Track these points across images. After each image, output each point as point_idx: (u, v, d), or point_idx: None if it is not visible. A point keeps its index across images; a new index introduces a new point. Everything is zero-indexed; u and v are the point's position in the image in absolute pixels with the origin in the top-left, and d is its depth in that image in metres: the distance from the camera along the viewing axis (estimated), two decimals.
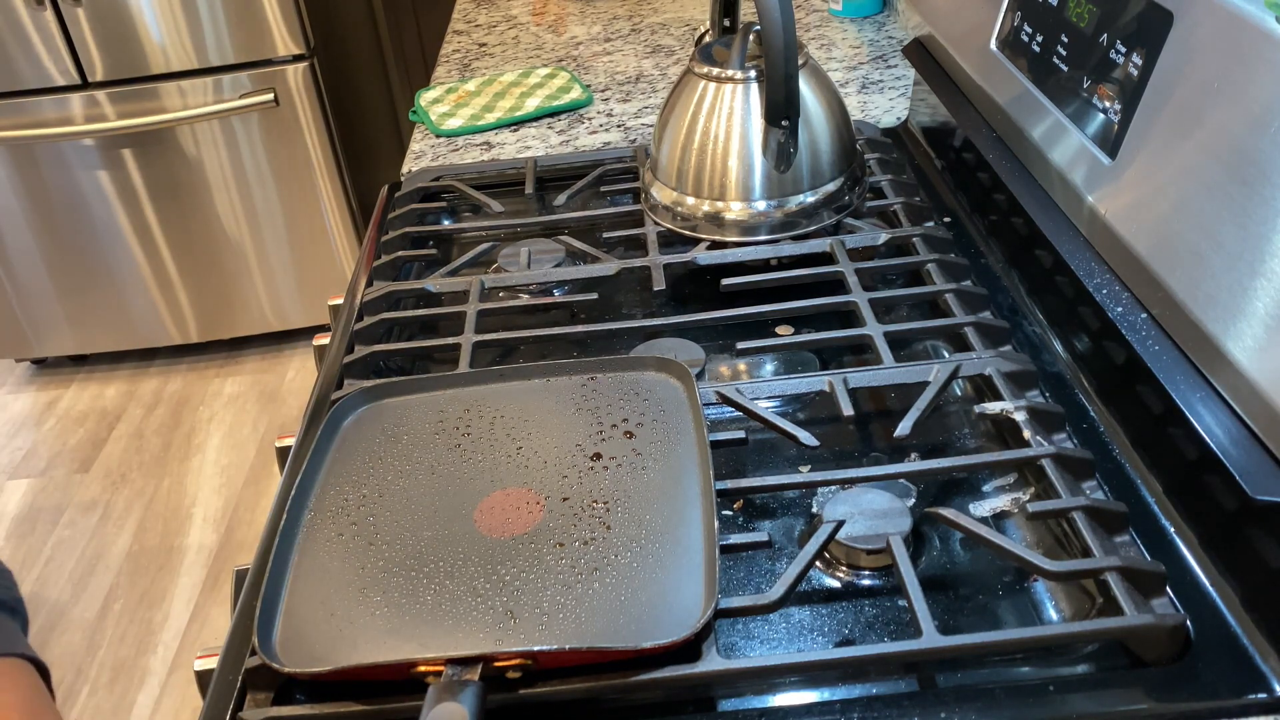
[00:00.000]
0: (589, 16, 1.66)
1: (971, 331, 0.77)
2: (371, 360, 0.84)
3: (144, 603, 1.99)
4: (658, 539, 0.62)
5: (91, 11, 2.10)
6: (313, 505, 0.67)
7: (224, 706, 0.59)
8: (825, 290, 0.85)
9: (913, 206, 0.95)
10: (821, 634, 0.60)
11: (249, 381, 2.57)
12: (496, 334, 0.84)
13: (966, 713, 0.54)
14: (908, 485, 0.68)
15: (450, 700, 0.51)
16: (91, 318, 2.51)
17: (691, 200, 0.90)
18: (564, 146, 1.23)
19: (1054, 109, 0.78)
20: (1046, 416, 0.69)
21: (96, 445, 2.41)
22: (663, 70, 1.42)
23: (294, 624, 0.59)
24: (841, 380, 0.73)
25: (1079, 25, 0.76)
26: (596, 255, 0.94)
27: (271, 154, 2.31)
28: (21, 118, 2.20)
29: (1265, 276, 0.54)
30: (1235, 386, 0.57)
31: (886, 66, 1.35)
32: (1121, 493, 0.65)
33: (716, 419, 0.77)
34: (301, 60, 2.22)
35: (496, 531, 0.64)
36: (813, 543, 0.60)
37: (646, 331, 0.85)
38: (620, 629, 0.57)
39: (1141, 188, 0.66)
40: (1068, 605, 0.61)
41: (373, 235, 1.06)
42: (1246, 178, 0.56)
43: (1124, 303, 0.67)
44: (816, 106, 0.88)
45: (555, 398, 0.74)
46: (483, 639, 0.57)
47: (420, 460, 0.70)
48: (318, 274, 2.49)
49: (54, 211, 2.34)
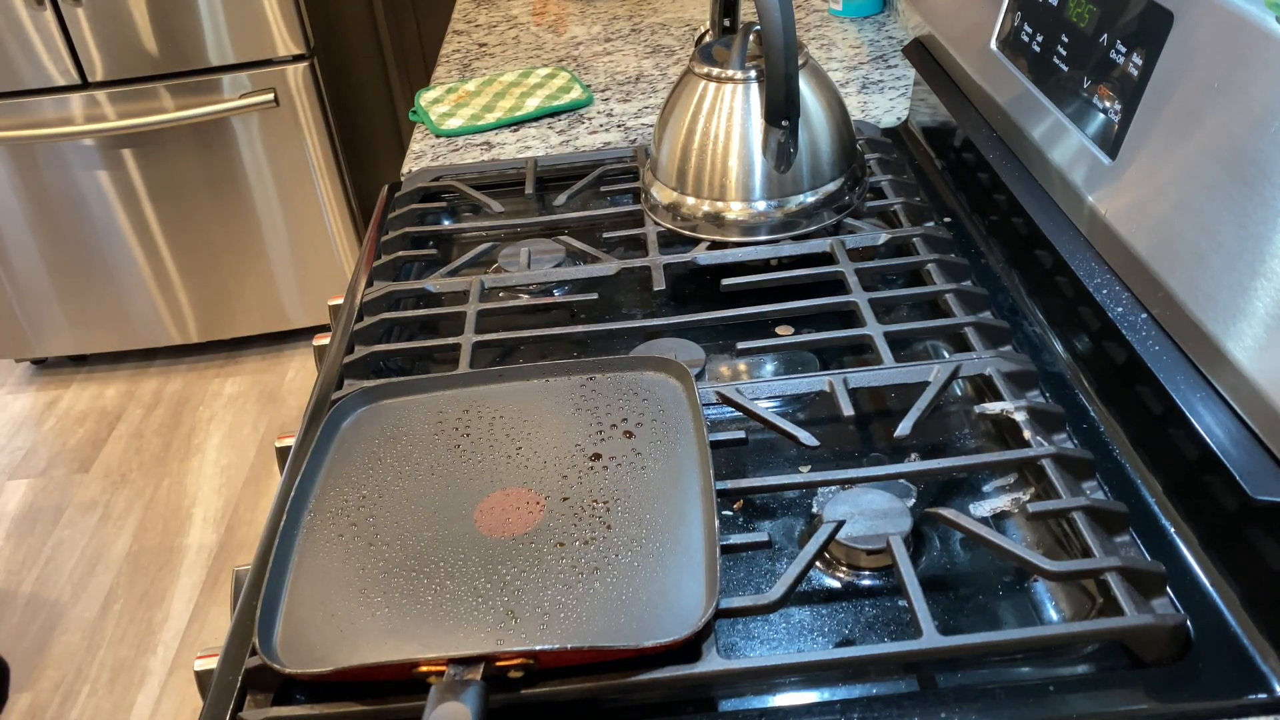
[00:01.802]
0: (589, 16, 1.66)
1: (971, 331, 0.77)
2: (371, 360, 0.84)
3: (144, 603, 1.99)
4: (658, 539, 0.62)
5: (91, 11, 2.10)
6: (313, 506, 0.67)
7: (224, 706, 0.59)
8: (825, 290, 0.85)
9: (913, 206, 0.95)
10: (821, 634, 0.60)
11: (249, 381, 2.57)
12: (496, 334, 0.84)
13: (966, 713, 0.54)
14: (908, 485, 0.68)
15: (453, 700, 0.51)
16: (91, 318, 2.51)
17: (691, 200, 0.90)
18: (564, 146, 1.24)
19: (1054, 109, 0.78)
20: (1046, 416, 0.69)
21: (96, 445, 2.41)
22: (663, 70, 1.42)
23: (294, 624, 0.59)
24: (841, 380, 0.73)
25: (1079, 25, 0.76)
26: (596, 255, 0.94)
27: (271, 154, 2.31)
28: (21, 118, 2.20)
29: (1265, 276, 0.54)
30: (1235, 386, 0.57)
31: (886, 66, 1.36)
32: (1121, 493, 0.65)
33: (716, 419, 0.77)
34: (301, 60, 2.22)
35: (497, 531, 0.64)
36: (813, 543, 0.60)
37: (646, 331, 0.85)
38: (621, 628, 0.57)
39: (1141, 188, 0.66)
40: (1068, 605, 0.61)
41: (373, 235, 1.06)
42: (1246, 178, 0.56)
43: (1124, 303, 0.67)
44: (816, 106, 0.88)
45: (555, 398, 0.74)
46: (484, 639, 0.57)
47: (420, 460, 0.70)
48: (318, 274, 2.49)
49: (54, 211, 2.34)
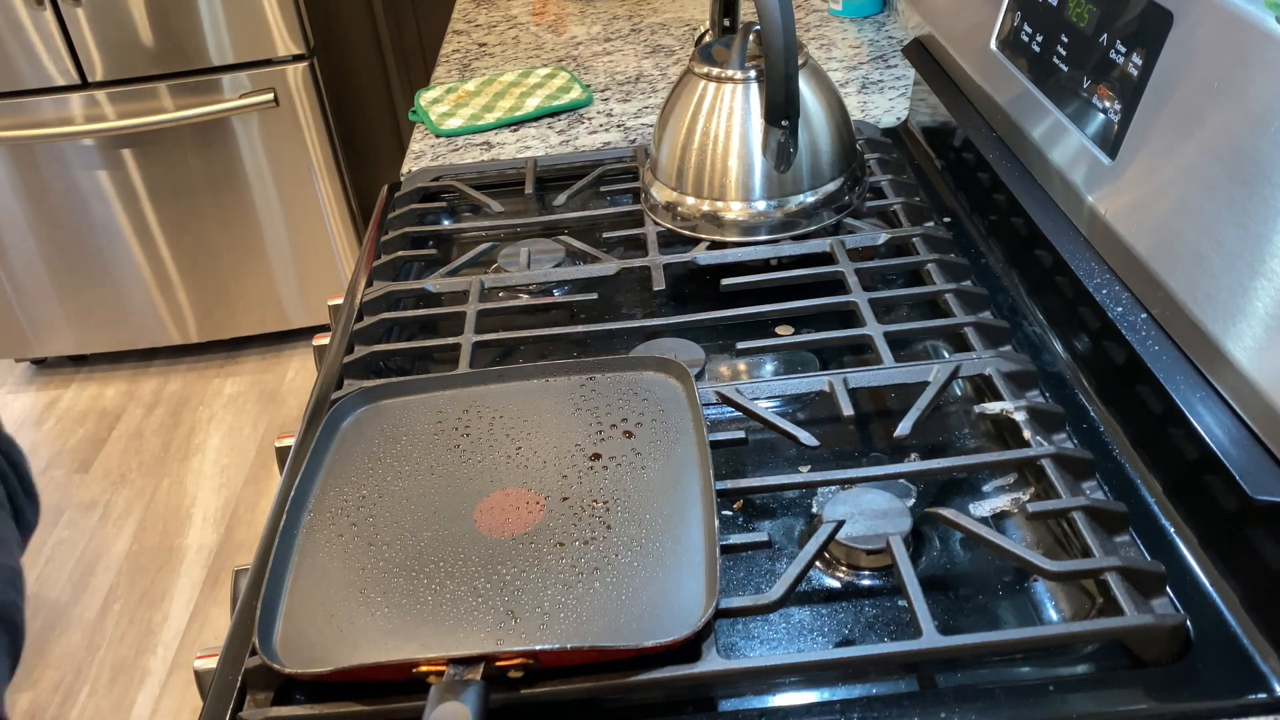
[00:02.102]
0: (589, 16, 1.66)
1: (971, 331, 0.77)
2: (371, 360, 0.84)
3: (144, 603, 1.99)
4: (658, 539, 0.62)
5: (91, 11, 2.10)
6: (312, 506, 0.67)
7: (224, 707, 0.59)
8: (825, 290, 0.85)
9: (913, 206, 0.95)
10: (821, 634, 0.60)
11: (249, 381, 2.57)
12: (496, 334, 0.84)
13: (966, 713, 0.54)
14: (908, 485, 0.68)
15: (453, 700, 0.51)
16: (91, 318, 2.51)
17: (691, 200, 0.90)
18: (564, 146, 1.23)
19: (1054, 109, 0.78)
20: (1046, 416, 0.69)
21: (96, 445, 2.41)
22: (663, 70, 1.42)
23: (294, 624, 0.59)
24: (841, 380, 0.73)
25: (1079, 25, 0.76)
26: (596, 255, 0.94)
27: (271, 154, 2.31)
28: (21, 118, 2.20)
29: (1265, 276, 0.54)
30: (1235, 386, 0.57)
31: (886, 66, 1.36)
32: (1121, 493, 0.65)
33: (716, 419, 0.77)
34: (301, 60, 2.21)
35: (496, 531, 0.64)
36: (813, 543, 0.60)
37: (646, 331, 0.85)
38: (621, 628, 0.57)
39: (1141, 188, 0.66)
40: (1068, 605, 0.61)
41: (373, 235, 1.06)
42: (1246, 178, 0.56)
43: (1124, 303, 0.67)
44: (816, 106, 0.88)
45: (554, 398, 0.74)
46: (484, 639, 0.57)
47: (420, 460, 0.70)
48: (318, 274, 2.49)
49: (54, 211, 2.34)
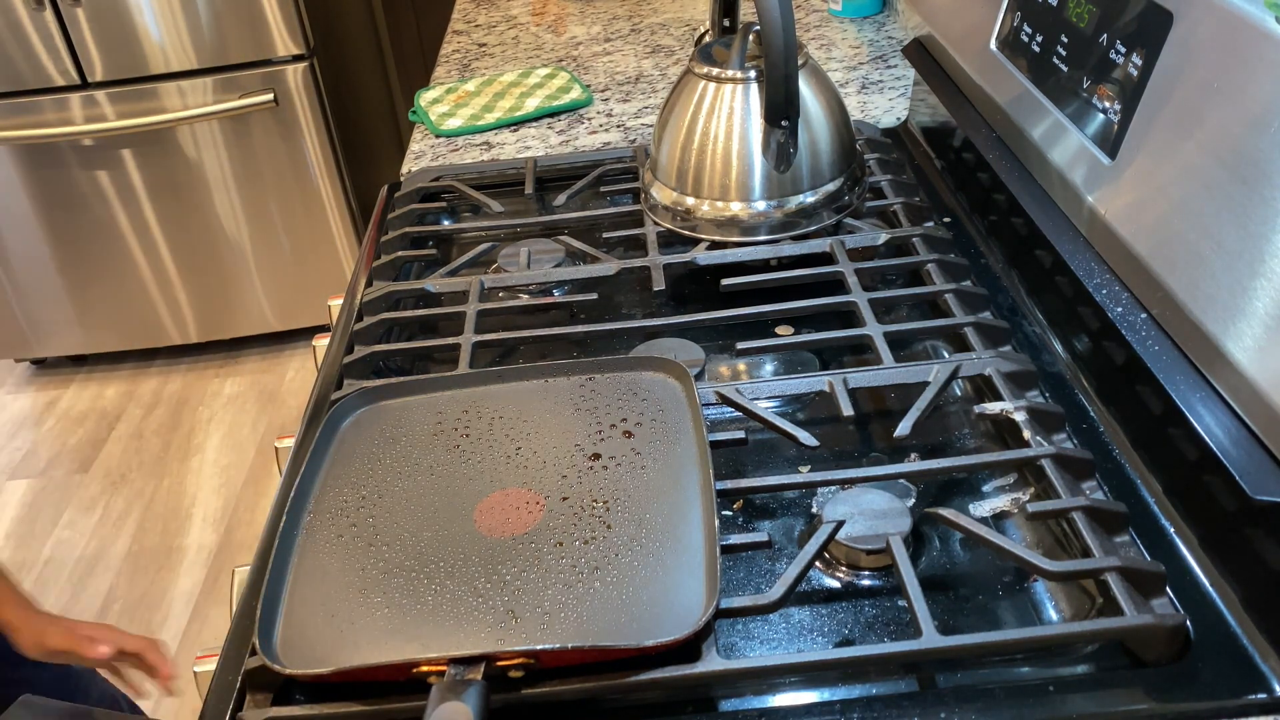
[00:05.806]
0: (589, 16, 1.66)
1: (971, 331, 0.77)
2: (371, 361, 0.84)
3: (144, 603, 1.99)
4: (658, 539, 0.62)
5: (91, 11, 2.10)
6: (312, 506, 0.67)
7: (224, 707, 0.59)
8: (825, 290, 0.85)
9: (913, 206, 0.95)
10: (821, 634, 0.60)
11: (248, 382, 2.57)
12: (496, 334, 0.84)
13: (966, 713, 0.54)
14: (908, 485, 0.68)
15: (454, 699, 0.51)
16: (91, 318, 2.51)
17: (691, 200, 0.90)
18: (564, 146, 1.23)
19: (1054, 109, 0.78)
20: (1046, 416, 0.69)
21: (96, 445, 2.41)
22: (663, 70, 1.42)
23: (294, 625, 0.59)
24: (841, 380, 0.73)
25: (1079, 25, 0.76)
26: (596, 255, 0.94)
27: (271, 154, 2.31)
28: (21, 118, 2.20)
29: (1265, 276, 0.54)
30: (1235, 386, 0.57)
31: (886, 66, 1.36)
32: (1121, 493, 0.65)
33: (716, 419, 0.77)
34: (301, 60, 2.21)
35: (496, 531, 0.64)
36: (813, 543, 0.60)
37: (646, 331, 0.85)
38: (621, 628, 0.57)
39: (1141, 188, 0.66)
40: (1068, 605, 0.61)
41: (372, 235, 1.06)
42: (1246, 178, 0.56)
43: (1124, 303, 0.67)
44: (816, 106, 0.88)
45: (554, 398, 0.74)
46: (484, 638, 0.57)
47: (420, 461, 0.70)
48: (318, 274, 2.49)
49: (54, 211, 2.34)
